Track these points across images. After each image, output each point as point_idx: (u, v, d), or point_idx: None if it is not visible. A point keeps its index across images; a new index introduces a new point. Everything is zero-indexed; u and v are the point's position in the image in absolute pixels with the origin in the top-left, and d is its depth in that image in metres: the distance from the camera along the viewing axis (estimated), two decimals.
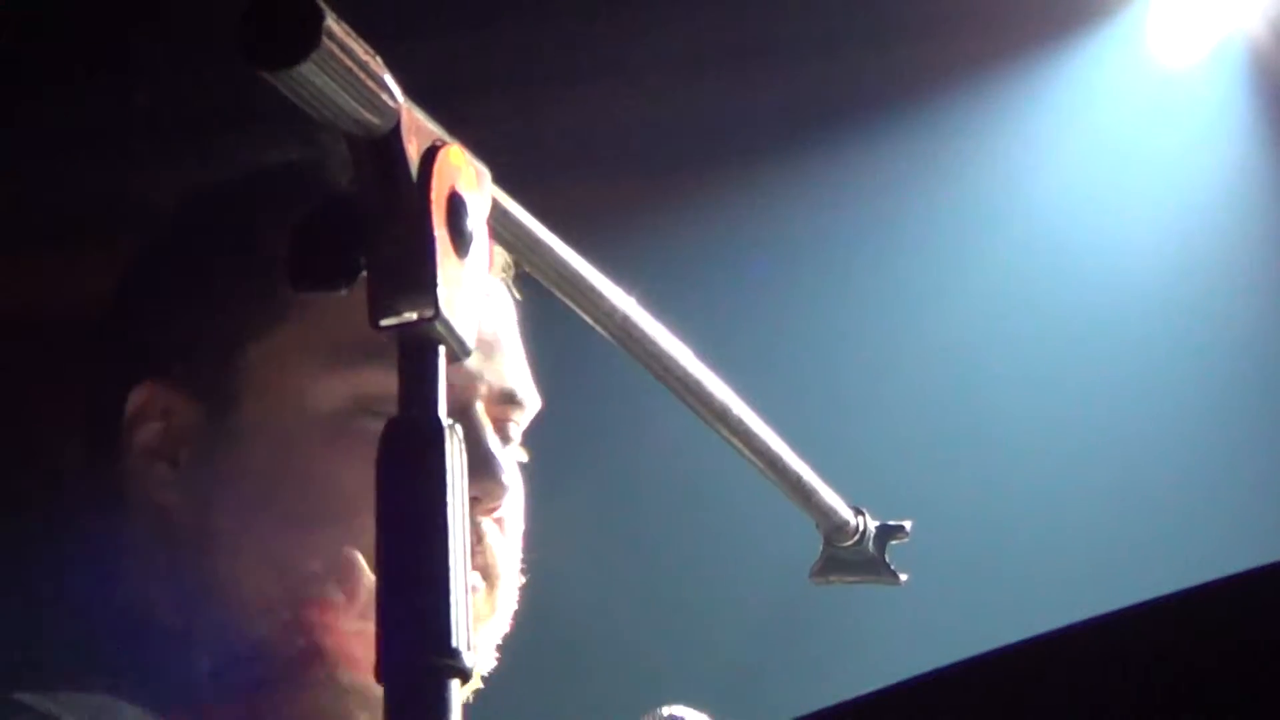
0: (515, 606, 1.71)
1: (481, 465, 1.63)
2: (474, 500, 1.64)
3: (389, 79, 1.06)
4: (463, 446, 1.06)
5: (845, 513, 1.68)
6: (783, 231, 3.59)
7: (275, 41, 1.00)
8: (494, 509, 1.66)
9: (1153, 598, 0.94)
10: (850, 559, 1.73)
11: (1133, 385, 3.59)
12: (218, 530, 1.63)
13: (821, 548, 1.73)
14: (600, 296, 1.31)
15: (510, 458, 1.70)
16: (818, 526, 1.69)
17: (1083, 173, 3.64)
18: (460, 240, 1.09)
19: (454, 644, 1.01)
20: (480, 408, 1.68)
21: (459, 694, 1.02)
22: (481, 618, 1.66)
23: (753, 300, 3.28)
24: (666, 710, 1.84)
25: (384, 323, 1.07)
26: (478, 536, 1.65)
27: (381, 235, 1.07)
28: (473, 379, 1.67)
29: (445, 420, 1.06)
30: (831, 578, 1.74)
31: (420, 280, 1.06)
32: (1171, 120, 3.59)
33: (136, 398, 1.67)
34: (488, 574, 1.67)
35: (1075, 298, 3.60)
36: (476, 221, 1.11)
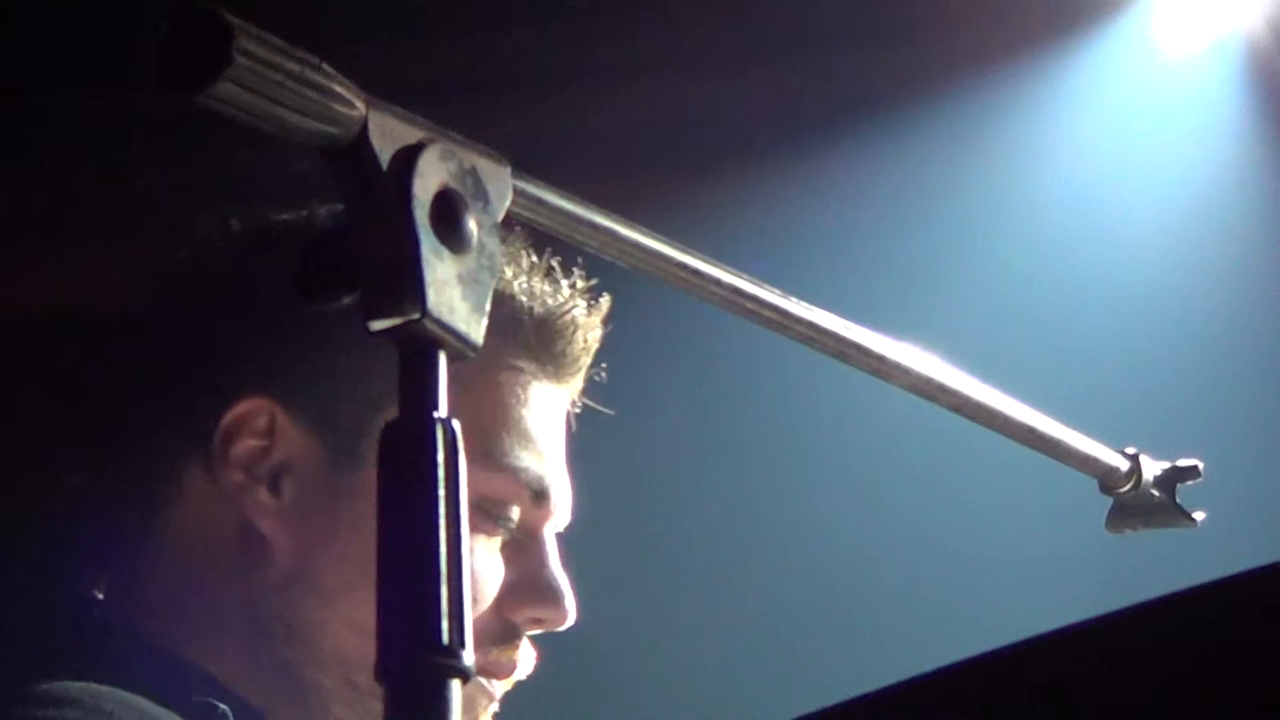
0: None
1: (549, 593, 1.73)
2: (536, 621, 1.73)
3: (340, 87, 1.05)
4: (458, 447, 1.06)
5: (1111, 458, 1.63)
6: (783, 231, 3.60)
7: (189, 64, 1.00)
8: (549, 630, 1.75)
9: (1153, 598, 0.94)
10: (1138, 505, 1.67)
11: (1131, 355, 3.62)
12: (317, 574, 1.66)
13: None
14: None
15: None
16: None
17: (1094, 154, 3.68)
18: (455, 237, 1.08)
19: (453, 644, 1.01)
20: (550, 533, 1.75)
21: (459, 694, 1.02)
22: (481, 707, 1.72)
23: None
24: None
25: (374, 326, 1.06)
26: (514, 647, 1.72)
27: (365, 241, 1.07)
28: (549, 505, 1.74)
29: (440, 421, 1.06)
30: (1124, 528, 1.69)
31: (404, 282, 1.05)
32: (1174, 107, 3.64)
33: (241, 408, 1.68)
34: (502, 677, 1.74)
35: (1085, 272, 3.64)
36: (484, 216, 1.10)
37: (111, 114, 3.33)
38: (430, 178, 1.08)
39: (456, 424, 1.06)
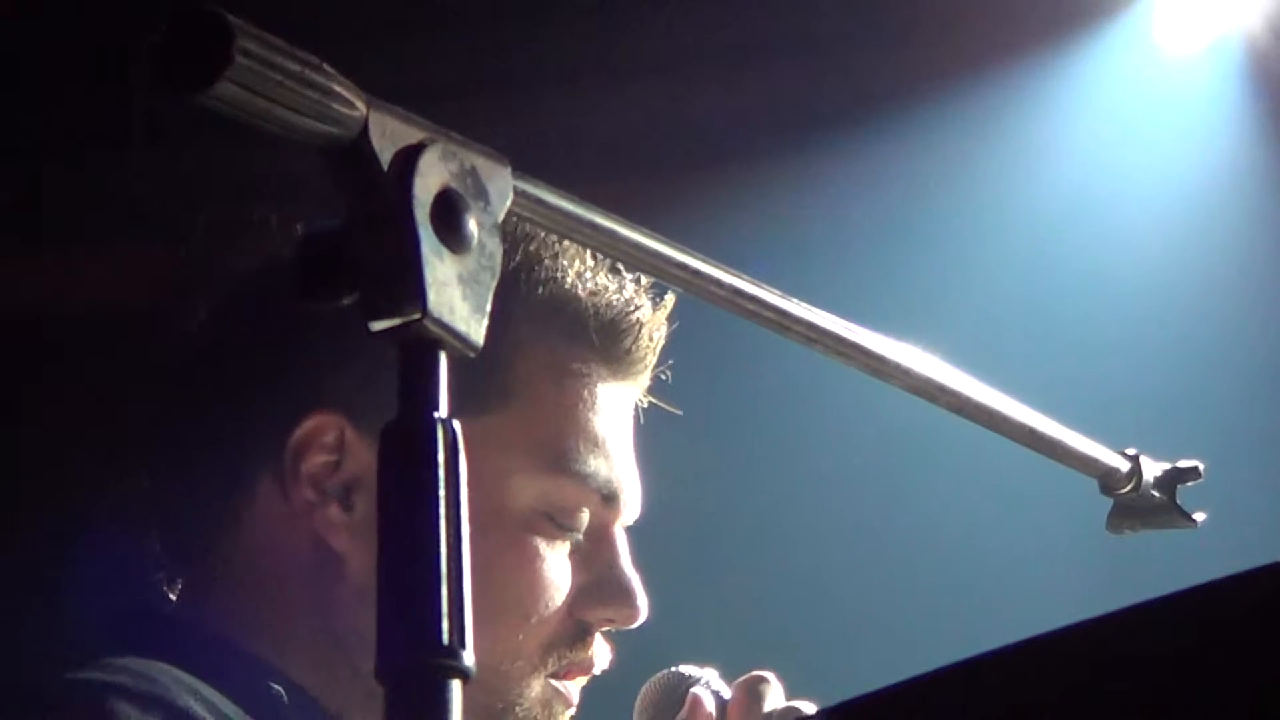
0: None
1: (621, 593, 1.75)
2: (609, 620, 1.75)
3: (341, 87, 1.05)
4: (459, 446, 1.06)
5: (1111, 459, 1.64)
6: (783, 231, 3.60)
7: (189, 64, 1.00)
8: (621, 627, 1.77)
9: (1151, 599, 0.94)
10: (1138, 506, 1.67)
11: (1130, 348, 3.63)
12: None
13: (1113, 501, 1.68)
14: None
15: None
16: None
17: (1094, 154, 3.68)
18: (455, 237, 1.08)
19: (453, 644, 1.01)
20: (619, 530, 1.77)
21: (459, 694, 1.02)
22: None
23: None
24: (675, 669, 1.85)
25: (375, 326, 1.06)
26: (587, 646, 1.74)
27: (366, 241, 1.07)
28: (619, 506, 1.76)
29: (441, 421, 1.06)
30: (1125, 529, 1.69)
31: (404, 282, 1.05)
32: (1174, 107, 3.65)
33: (310, 424, 1.69)
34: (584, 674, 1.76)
35: (1085, 273, 3.65)
36: (484, 216, 1.10)
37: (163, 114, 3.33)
38: (431, 178, 1.08)
39: (457, 424, 1.06)
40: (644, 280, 1.76)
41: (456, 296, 1.07)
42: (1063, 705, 0.95)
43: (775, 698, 1.84)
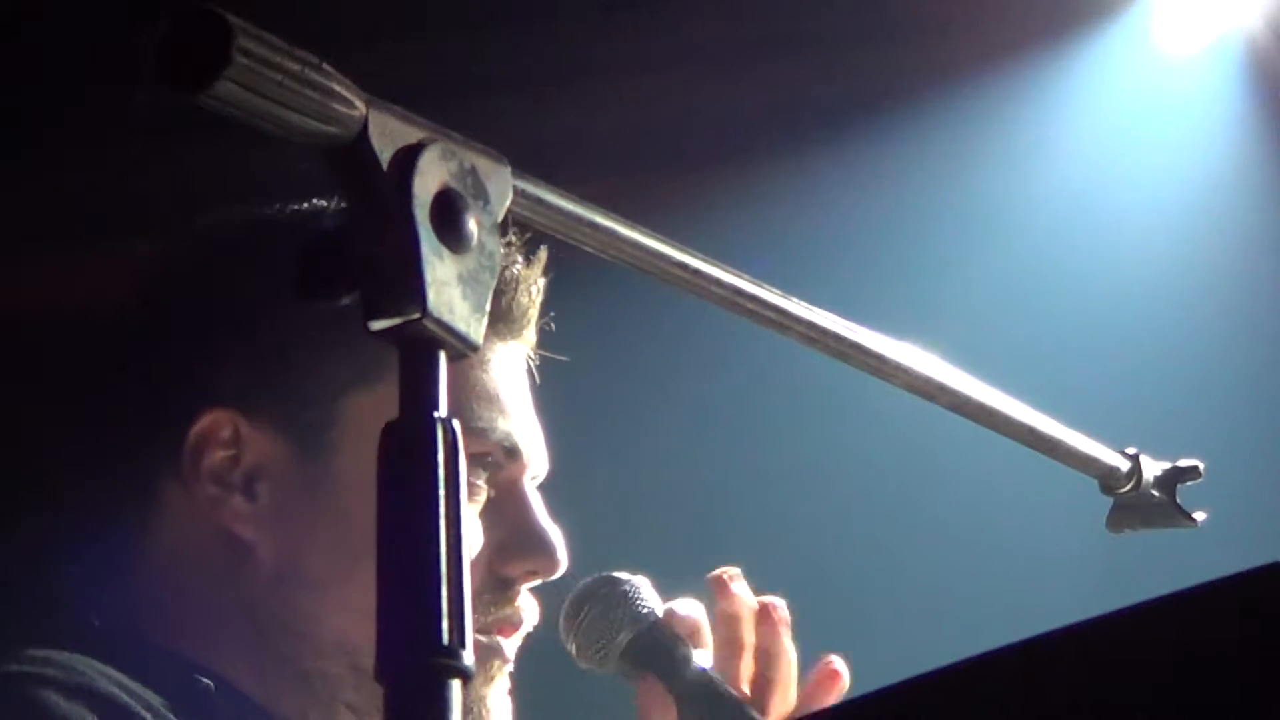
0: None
1: (538, 543, 1.77)
2: (530, 573, 1.76)
3: (340, 87, 1.05)
4: (459, 446, 1.06)
5: (1111, 458, 1.64)
6: (783, 231, 3.60)
7: (189, 64, 1.00)
8: (544, 579, 1.78)
9: (1151, 598, 0.94)
10: (1138, 505, 1.67)
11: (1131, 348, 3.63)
12: (305, 568, 1.70)
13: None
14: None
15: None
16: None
17: (1094, 154, 3.68)
18: (455, 236, 1.08)
19: (453, 644, 1.01)
20: (528, 483, 1.79)
21: (459, 694, 1.01)
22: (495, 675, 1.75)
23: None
24: (605, 574, 1.84)
25: (374, 326, 1.06)
26: (512, 600, 1.75)
27: (365, 240, 1.07)
28: (521, 458, 1.77)
29: (440, 421, 1.06)
30: (1125, 528, 1.69)
31: (404, 281, 1.05)
32: (1174, 107, 3.65)
33: (204, 422, 1.71)
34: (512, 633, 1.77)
35: (1085, 272, 3.65)
36: (484, 216, 1.10)
37: (107, 113, 3.33)
38: (430, 177, 1.08)
39: (457, 424, 1.06)
40: (515, 239, 1.77)
41: (456, 296, 1.07)
42: (1062, 705, 0.95)
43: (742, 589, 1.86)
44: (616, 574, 1.85)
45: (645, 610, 1.82)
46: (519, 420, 1.79)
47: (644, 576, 1.87)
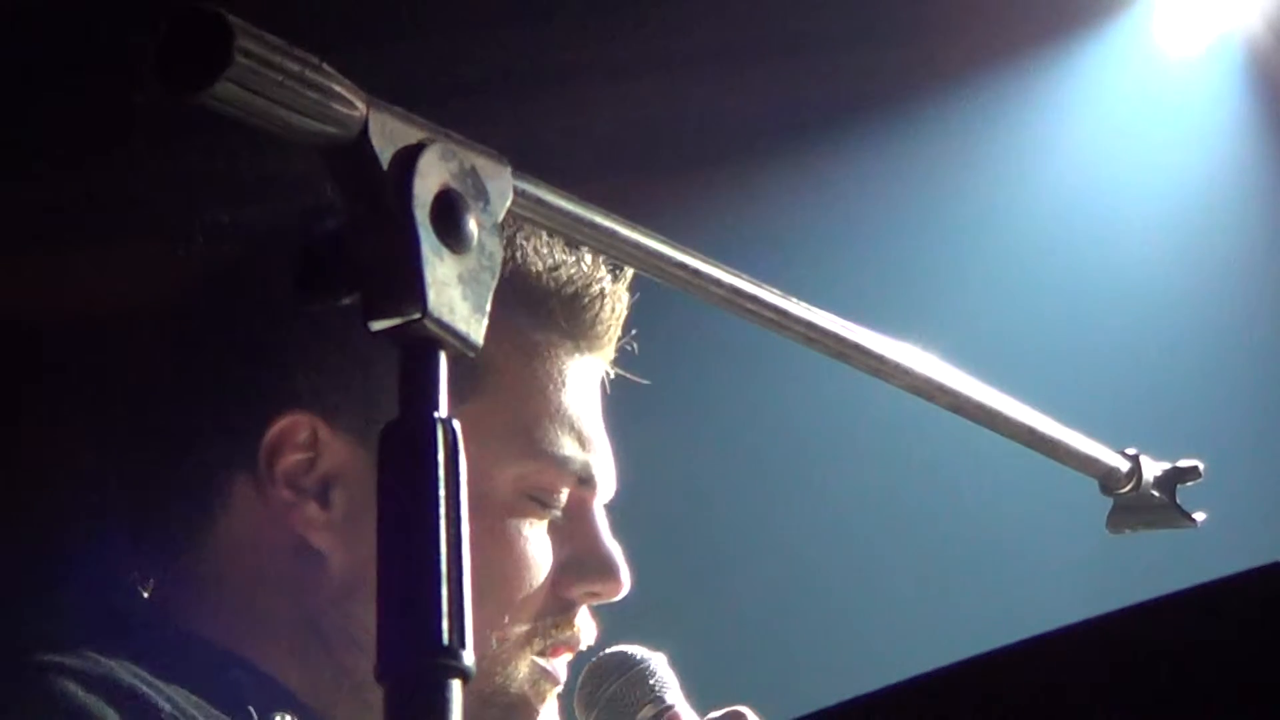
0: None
1: (603, 567, 1.76)
2: (592, 595, 1.76)
3: (340, 87, 1.05)
4: (459, 446, 1.06)
5: (1111, 459, 1.64)
6: (783, 231, 3.60)
7: (189, 64, 1.00)
8: (607, 601, 1.78)
9: (1152, 598, 0.94)
10: (1138, 505, 1.67)
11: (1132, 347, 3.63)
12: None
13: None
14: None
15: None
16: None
17: (1094, 154, 3.69)
18: (455, 237, 1.08)
19: (453, 644, 1.01)
20: (598, 507, 1.78)
21: (459, 694, 1.01)
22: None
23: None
24: (620, 648, 1.85)
25: (375, 326, 1.06)
26: (571, 622, 1.75)
27: (366, 241, 1.07)
28: (594, 486, 1.77)
29: (440, 421, 1.06)
30: (1125, 529, 1.69)
31: (404, 282, 1.05)
32: (1174, 108, 3.66)
33: (283, 423, 1.69)
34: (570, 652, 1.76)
35: (1085, 273, 3.65)
36: (484, 216, 1.10)
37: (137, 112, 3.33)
38: (430, 178, 1.08)
39: (457, 424, 1.06)
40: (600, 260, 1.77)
41: (456, 296, 1.07)
42: (1062, 705, 0.95)
43: None
44: (632, 649, 1.86)
45: (664, 690, 1.84)
46: (595, 445, 1.77)
47: (661, 653, 1.87)
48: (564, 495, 1.75)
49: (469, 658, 1.01)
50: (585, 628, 1.77)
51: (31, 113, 3.46)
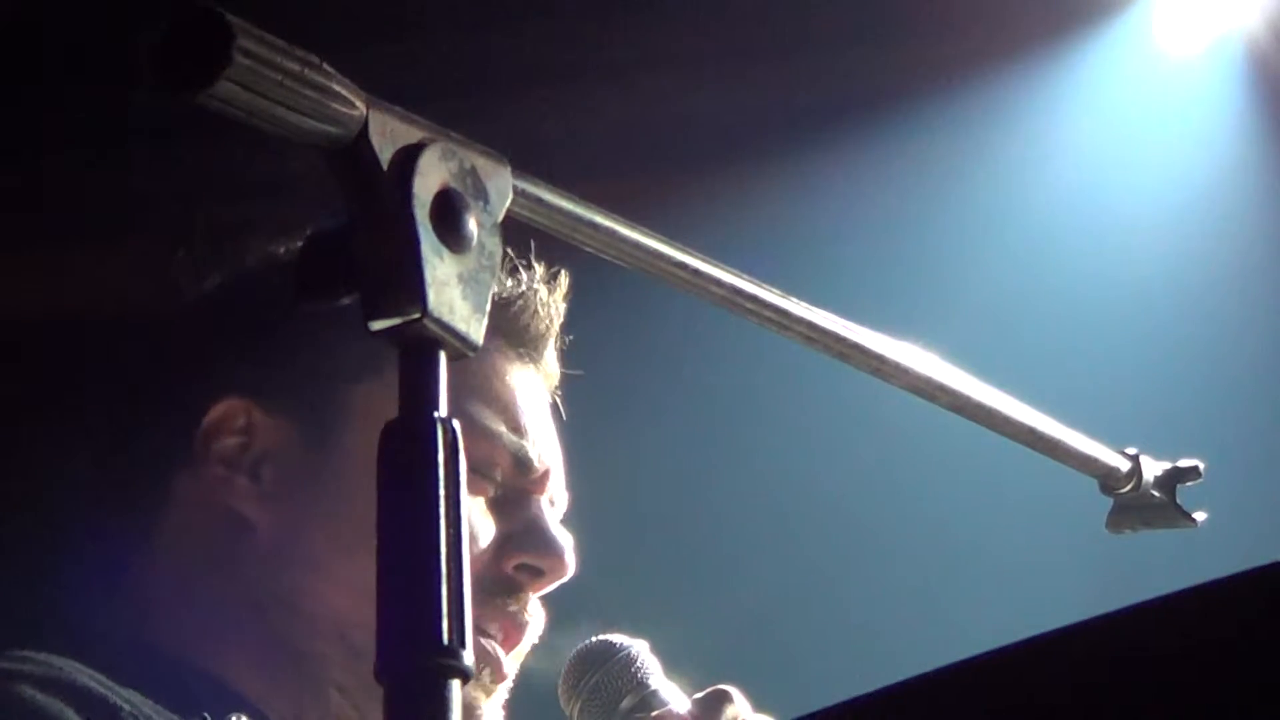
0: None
1: (543, 540, 1.78)
2: (534, 571, 1.77)
3: (340, 87, 1.05)
4: (459, 446, 1.06)
5: (1111, 459, 1.64)
6: (783, 231, 3.60)
7: (189, 64, 1.00)
8: (552, 583, 1.79)
9: (1152, 598, 0.94)
10: (1138, 505, 1.67)
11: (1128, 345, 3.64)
12: (303, 544, 1.73)
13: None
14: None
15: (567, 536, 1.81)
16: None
17: (1094, 154, 3.69)
18: (455, 236, 1.08)
19: (453, 644, 1.01)
20: (544, 503, 1.81)
21: (459, 694, 1.01)
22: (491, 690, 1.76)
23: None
24: (604, 638, 1.85)
25: (374, 326, 1.06)
26: (516, 598, 1.77)
27: (366, 240, 1.07)
28: (531, 471, 1.79)
29: (441, 421, 1.06)
30: (1125, 528, 1.69)
31: (404, 282, 1.05)
32: (1174, 108, 3.66)
33: (218, 411, 1.75)
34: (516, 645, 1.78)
35: (1085, 273, 3.65)
36: (484, 216, 1.10)
37: (110, 113, 3.33)
38: (431, 177, 1.08)
39: (457, 424, 1.06)
40: (540, 270, 1.83)
41: (456, 296, 1.07)
42: (1062, 706, 0.95)
43: (741, 711, 1.84)
44: (615, 638, 1.86)
45: (646, 677, 1.84)
46: (533, 437, 1.80)
47: (643, 640, 1.87)
48: (499, 472, 1.78)
49: (469, 657, 1.01)
50: (534, 612, 1.79)
51: (32, 112, 3.46)
